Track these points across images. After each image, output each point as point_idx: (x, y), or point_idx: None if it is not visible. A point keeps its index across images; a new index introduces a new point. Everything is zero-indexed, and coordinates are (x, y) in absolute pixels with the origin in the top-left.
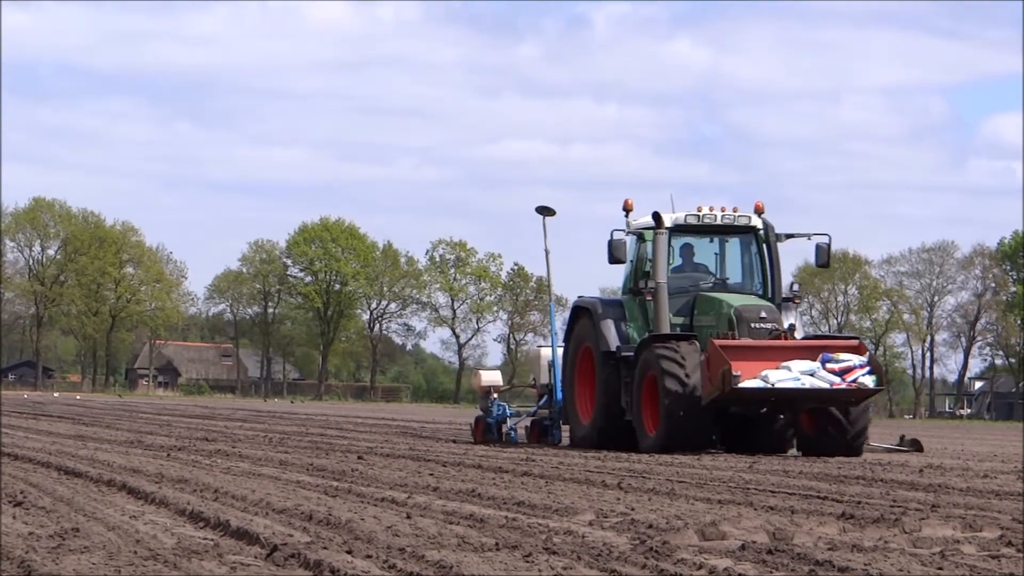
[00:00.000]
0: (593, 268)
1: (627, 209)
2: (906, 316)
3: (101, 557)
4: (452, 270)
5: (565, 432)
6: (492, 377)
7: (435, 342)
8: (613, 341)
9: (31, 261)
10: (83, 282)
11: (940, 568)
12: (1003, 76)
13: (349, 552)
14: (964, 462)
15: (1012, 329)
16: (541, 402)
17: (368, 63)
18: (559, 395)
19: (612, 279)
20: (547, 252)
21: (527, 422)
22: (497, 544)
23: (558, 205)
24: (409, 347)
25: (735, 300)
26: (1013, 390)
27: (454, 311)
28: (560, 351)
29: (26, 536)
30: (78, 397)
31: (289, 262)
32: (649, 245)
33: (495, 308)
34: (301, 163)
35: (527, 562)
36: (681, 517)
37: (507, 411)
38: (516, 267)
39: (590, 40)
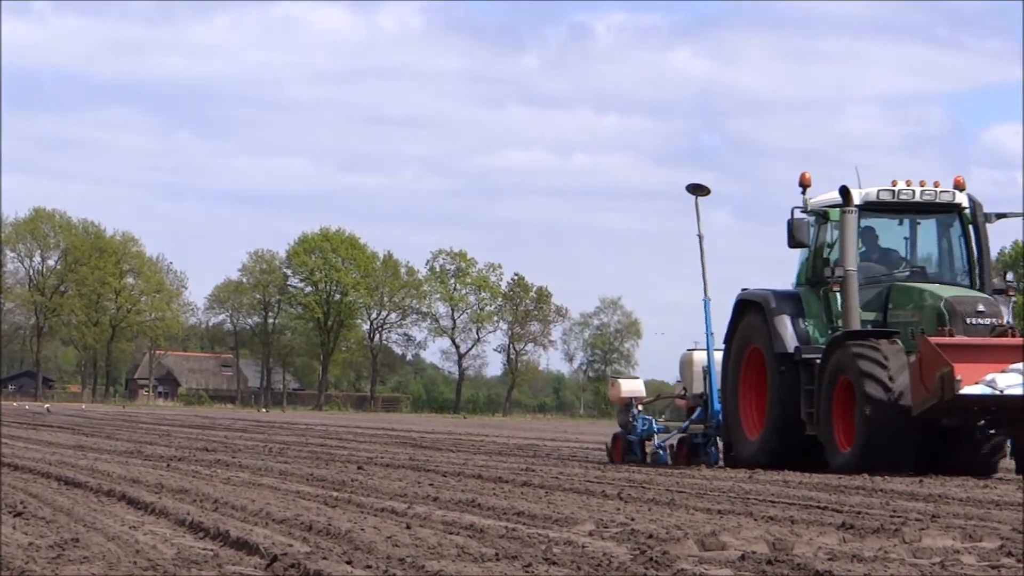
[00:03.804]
0: (596, 276)
1: (804, 184)
2: None
3: (101, 567)
4: (452, 280)
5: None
6: (634, 387)
7: (435, 352)
8: (791, 341)
9: (31, 271)
10: (83, 292)
11: None
12: (1003, 86)
13: (349, 562)
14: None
15: None
16: (694, 415)
17: (369, 73)
18: (716, 406)
19: (610, 288)
20: (700, 237)
21: (676, 439)
22: (497, 554)
23: (558, 215)
24: (409, 357)
25: (944, 291)
26: None
27: (454, 321)
28: (718, 355)
29: (26, 546)
30: (83, 407)
31: (289, 272)
32: (830, 226)
33: (495, 318)
34: (301, 173)
35: (527, 572)
36: (681, 527)
37: (654, 426)
38: (516, 277)
39: (591, 50)
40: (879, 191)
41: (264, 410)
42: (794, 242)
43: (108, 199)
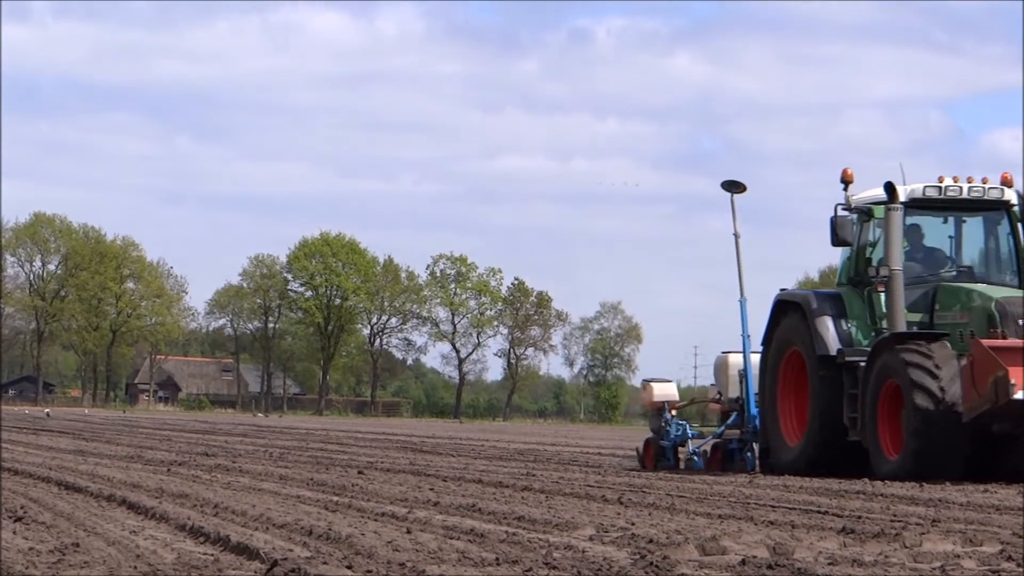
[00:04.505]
0: (596, 281)
1: (846, 181)
2: None
3: (101, 572)
4: (452, 285)
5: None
6: (666, 390)
7: (435, 357)
8: (833, 343)
9: (32, 276)
10: (84, 297)
11: None
12: (1002, 90)
13: (349, 567)
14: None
15: None
16: (729, 420)
17: (369, 77)
18: (753, 411)
19: (610, 292)
20: (736, 236)
21: (710, 445)
22: (497, 559)
23: (558, 220)
24: (410, 362)
25: (994, 292)
26: None
27: (454, 326)
28: (754, 358)
29: (26, 551)
30: (86, 412)
31: (290, 277)
32: (873, 224)
33: (495, 323)
34: (301, 178)
35: None
36: (681, 532)
37: (688, 431)
38: (516, 282)
39: (591, 55)
40: (925, 187)
41: (261, 415)
42: (837, 240)
43: (108, 204)
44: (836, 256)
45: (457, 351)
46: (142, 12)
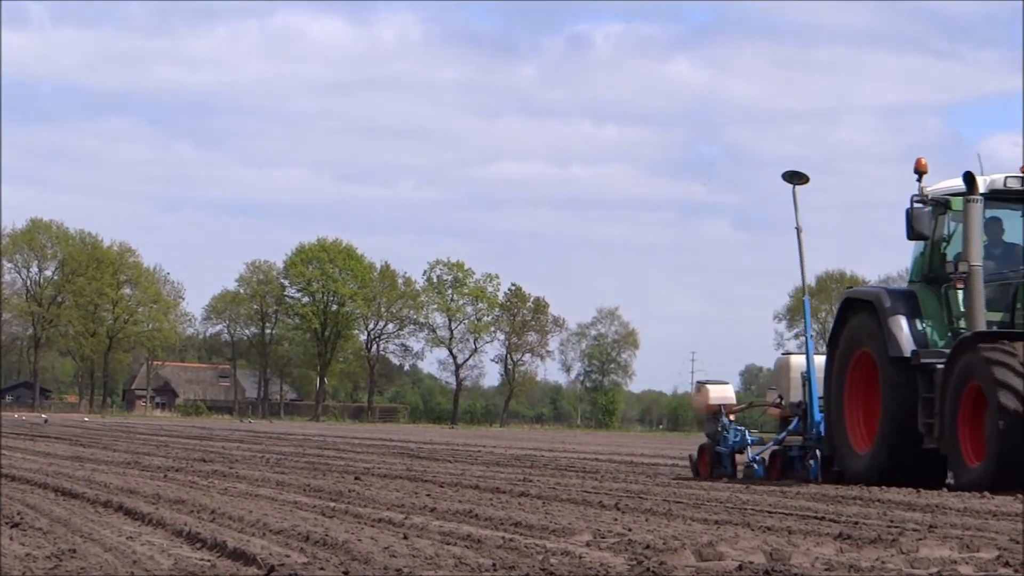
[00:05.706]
0: (593, 287)
1: (920, 171)
2: None
3: None
4: (450, 290)
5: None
6: (723, 393)
7: (432, 362)
8: (907, 344)
9: (29, 282)
10: (80, 303)
11: None
12: (1000, 96)
13: (346, 573)
14: None
15: None
16: (791, 426)
17: (367, 83)
18: (818, 416)
19: (608, 298)
20: (799, 230)
21: (769, 452)
22: (494, 565)
23: (555, 226)
24: (407, 368)
25: None
26: None
27: (451, 331)
28: (819, 360)
29: (23, 557)
30: (85, 419)
31: (287, 283)
32: (948, 217)
33: (492, 328)
34: (299, 183)
35: None
36: (678, 537)
37: (747, 437)
38: (514, 287)
39: (589, 61)
40: (1006, 178)
41: (250, 420)
42: (914, 234)
43: (105, 209)
44: (834, 261)
45: (454, 357)
46: (140, 17)
